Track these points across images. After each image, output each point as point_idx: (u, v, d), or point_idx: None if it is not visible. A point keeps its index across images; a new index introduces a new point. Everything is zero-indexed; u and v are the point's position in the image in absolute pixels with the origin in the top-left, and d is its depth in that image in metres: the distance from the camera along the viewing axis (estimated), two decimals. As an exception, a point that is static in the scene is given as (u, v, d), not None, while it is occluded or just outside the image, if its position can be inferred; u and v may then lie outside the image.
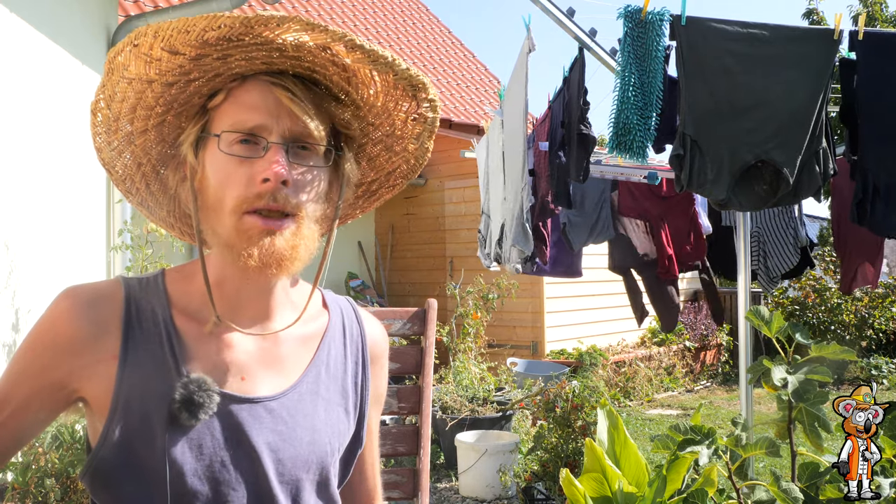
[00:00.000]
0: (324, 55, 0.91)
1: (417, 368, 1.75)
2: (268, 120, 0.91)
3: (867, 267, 3.91)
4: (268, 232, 0.89)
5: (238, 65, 0.90)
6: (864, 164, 2.67)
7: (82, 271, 3.74)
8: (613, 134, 2.65)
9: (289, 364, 1.00)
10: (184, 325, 0.95)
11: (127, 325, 0.93)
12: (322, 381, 1.02)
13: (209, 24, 0.84)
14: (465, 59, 12.70)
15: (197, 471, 0.89)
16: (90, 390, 0.92)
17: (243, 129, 0.91)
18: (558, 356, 7.50)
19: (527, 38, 3.01)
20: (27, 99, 3.40)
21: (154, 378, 0.91)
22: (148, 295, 0.96)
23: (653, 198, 4.27)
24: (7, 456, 0.95)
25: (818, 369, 1.79)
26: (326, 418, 1.00)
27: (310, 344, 1.03)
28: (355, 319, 1.11)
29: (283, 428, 0.96)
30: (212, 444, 0.91)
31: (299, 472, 0.96)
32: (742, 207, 2.80)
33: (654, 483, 1.61)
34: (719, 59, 2.61)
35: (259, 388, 0.96)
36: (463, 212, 8.12)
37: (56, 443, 2.98)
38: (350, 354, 1.07)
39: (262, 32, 0.86)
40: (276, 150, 0.90)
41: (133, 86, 0.92)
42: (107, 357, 0.92)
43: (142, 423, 0.89)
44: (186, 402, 0.89)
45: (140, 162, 1.00)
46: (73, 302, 0.93)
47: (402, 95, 0.98)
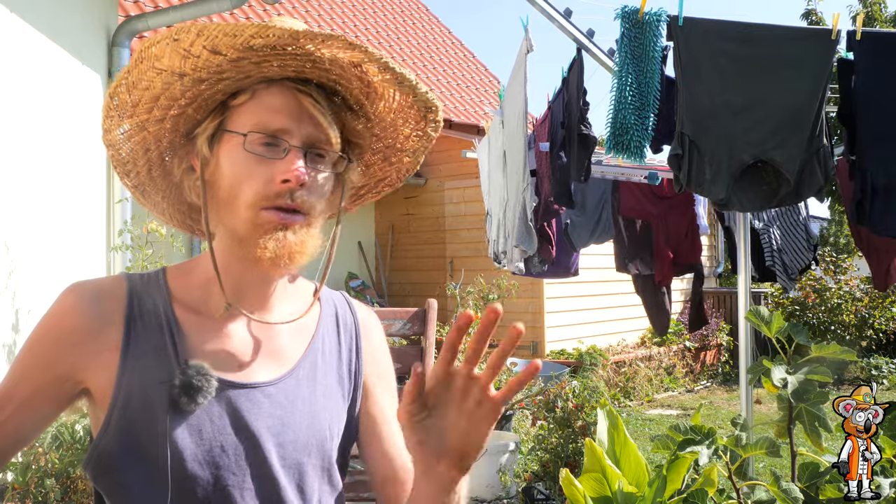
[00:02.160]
0: (353, 71, 0.97)
1: (417, 369, 1.74)
2: (291, 124, 0.95)
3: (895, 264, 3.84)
4: (283, 226, 0.94)
5: (271, 70, 0.95)
6: (863, 164, 2.67)
7: (82, 271, 3.73)
8: (611, 134, 2.65)
9: (286, 352, 1.03)
10: (184, 316, 0.99)
11: (129, 318, 0.97)
12: (319, 367, 1.05)
13: (258, 32, 0.89)
14: (465, 59, 12.70)
15: (197, 456, 0.92)
16: (93, 381, 0.95)
17: (267, 131, 0.95)
18: (558, 356, 7.49)
19: (525, 39, 3.01)
20: (27, 99, 3.40)
21: (155, 367, 0.94)
22: (149, 289, 1.00)
23: (653, 198, 4.27)
24: (9, 454, 0.97)
25: (818, 369, 1.79)
26: (325, 403, 1.04)
27: (305, 333, 1.07)
28: (348, 309, 1.15)
29: (282, 412, 0.99)
30: (211, 429, 0.94)
31: (301, 456, 0.99)
32: (743, 207, 2.80)
33: (654, 483, 1.62)
34: (716, 59, 2.62)
35: (257, 375, 0.99)
36: (463, 212, 8.12)
37: (56, 443, 2.98)
38: (344, 342, 1.11)
39: (306, 45, 0.91)
40: (297, 153, 0.95)
41: (162, 77, 0.95)
42: (110, 348, 0.95)
43: (143, 411, 0.92)
44: (185, 386, 0.92)
45: (148, 148, 1.03)
46: (78, 296, 0.97)
47: (415, 114, 1.05)
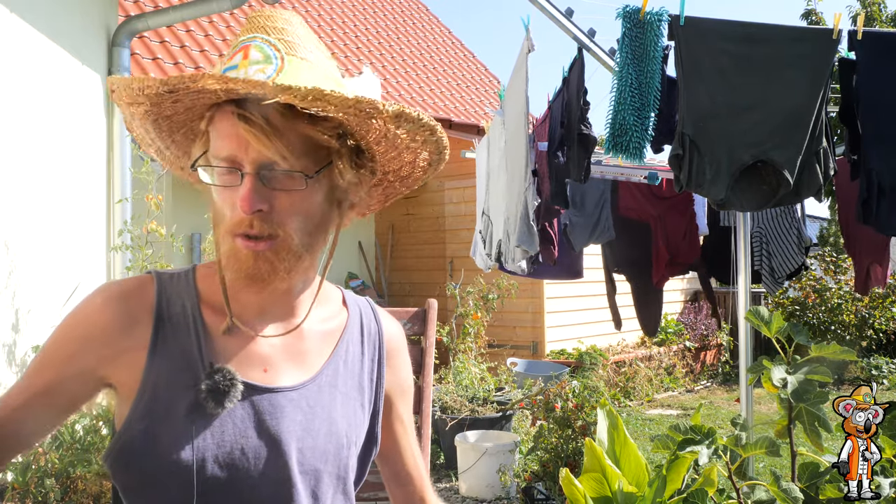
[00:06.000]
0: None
1: (418, 368, 1.75)
2: (237, 151, 0.91)
3: (876, 267, 3.91)
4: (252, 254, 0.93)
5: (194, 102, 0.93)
6: (868, 163, 2.67)
7: (82, 271, 3.74)
8: (610, 134, 2.65)
9: (310, 358, 1.04)
10: (211, 318, 1.00)
11: (158, 317, 0.97)
12: (340, 374, 1.06)
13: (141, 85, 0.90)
14: (465, 59, 12.70)
15: (218, 458, 0.93)
16: (119, 377, 0.96)
17: (220, 158, 0.92)
18: (558, 356, 7.49)
19: (526, 39, 3.01)
20: (27, 99, 3.40)
21: (181, 368, 0.95)
22: (178, 289, 1.01)
23: (652, 198, 4.27)
24: (21, 445, 0.97)
25: (818, 369, 1.79)
26: (343, 411, 1.04)
27: (330, 339, 1.07)
28: (373, 318, 1.15)
29: (303, 418, 0.99)
30: (233, 432, 0.95)
31: (318, 463, 1.00)
32: (742, 207, 2.79)
33: (654, 483, 1.62)
34: (718, 59, 2.61)
35: (281, 380, 1.00)
36: (463, 212, 8.12)
37: (56, 443, 2.98)
38: (367, 351, 1.11)
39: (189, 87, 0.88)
40: (249, 180, 0.91)
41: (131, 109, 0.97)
42: (138, 346, 0.96)
43: (167, 410, 0.93)
44: (212, 390, 0.93)
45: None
46: (108, 296, 0.98)
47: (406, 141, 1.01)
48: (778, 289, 4.16)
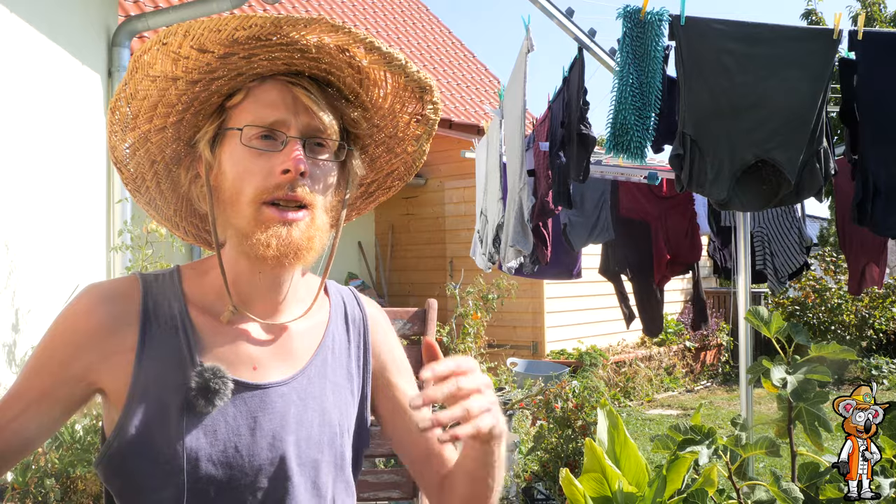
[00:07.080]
0: (342, 57, 0.97)
1: (418, 369, 1.75)
2: (287, 116, 0.95)
3: (872, 268, 3.91)
4: (284, 223, 0.94)
5: (261, 64, 0.95)
6: (865, 164, 2.67)
7: (82, 271, 3.73)
8: (611, 134, 2.65)
9: (298, 351, 1.04)
10: (198, 318, 0.99)
11: (144, 319, 0.97)
12: (329, 364, 1.06)
13: (241, 24, 0.89)
14: (465, 59, 12.70)
15: (211, 456, 0.93)
16: (108, 382, 0.96)
17: (263, 124, 0.95)
18: (558, 356, 7.49)
19: (526, 39, 3.01)
20: (27, 99, 3.40)
21: (170, 369, 0.95)
22: (164, 290, 1.00)
23: (653, 198, 4.27)
24: (17, 454, 0.96)
25: (818, 369, 1.79)
26: (335, 400, 1.05)
27: (316, 331, 1.07)
28: (356, 304, 1.15)
29: (295, 411, 1.00)
30: (226, 430, 0.95)
31: (315, 454, 1.00)
32: (743, 207, 2.79)
33: (654, 483, 1.62)
34: (718, 58, 2.61)
35: (270, 375, 1.00)
36: (463, 212, 8.12)
37: (56, 443, 2.98)
38: (353, 339, 1.11)
39: (290, 33, 0.91)
40: (295, 143, 0.95)
41: (157, 83, 0.96)
42: (125, 349, 0.95)
43: (158, 412, 0.93)
44: (202, 389, 0.93)
45: (154, 160, 1.04)
46: (93, 298, 0.98)
47: (410, 97, 1.04)
48: (781, 288, 4.16)
